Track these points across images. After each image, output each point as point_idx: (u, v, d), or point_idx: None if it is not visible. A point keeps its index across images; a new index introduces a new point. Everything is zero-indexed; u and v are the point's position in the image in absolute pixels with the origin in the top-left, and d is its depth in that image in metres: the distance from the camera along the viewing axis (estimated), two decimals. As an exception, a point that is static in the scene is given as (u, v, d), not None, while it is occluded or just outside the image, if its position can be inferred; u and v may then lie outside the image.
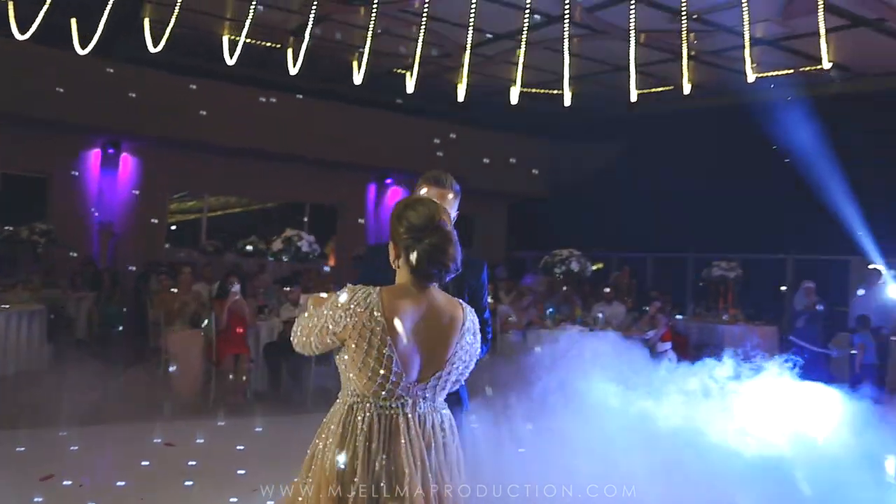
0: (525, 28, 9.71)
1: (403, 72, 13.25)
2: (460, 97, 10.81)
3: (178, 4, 9.04)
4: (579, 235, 18.17)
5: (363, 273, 2.84)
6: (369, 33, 9.55)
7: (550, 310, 9.13)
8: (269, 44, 12.41)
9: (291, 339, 2.46)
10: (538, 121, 16.23)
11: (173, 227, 16.01)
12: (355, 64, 11.94)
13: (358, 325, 2.23)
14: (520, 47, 11.78)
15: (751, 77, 11.09)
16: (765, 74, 11.04)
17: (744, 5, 8.19)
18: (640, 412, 5.89)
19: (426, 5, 9.07)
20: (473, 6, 9.07)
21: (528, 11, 9.02)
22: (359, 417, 2.27)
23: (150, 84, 12.43)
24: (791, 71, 10.87)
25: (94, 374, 7.24)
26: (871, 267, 10.94)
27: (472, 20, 9.25)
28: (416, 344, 2.29)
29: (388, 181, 17.83)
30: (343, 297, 2.27)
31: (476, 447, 3.44)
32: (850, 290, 11.88)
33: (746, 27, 8.47)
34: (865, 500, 4.92)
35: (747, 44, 8.66)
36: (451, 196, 3.09)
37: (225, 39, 11.90)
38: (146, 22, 10.79)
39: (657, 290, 11.15)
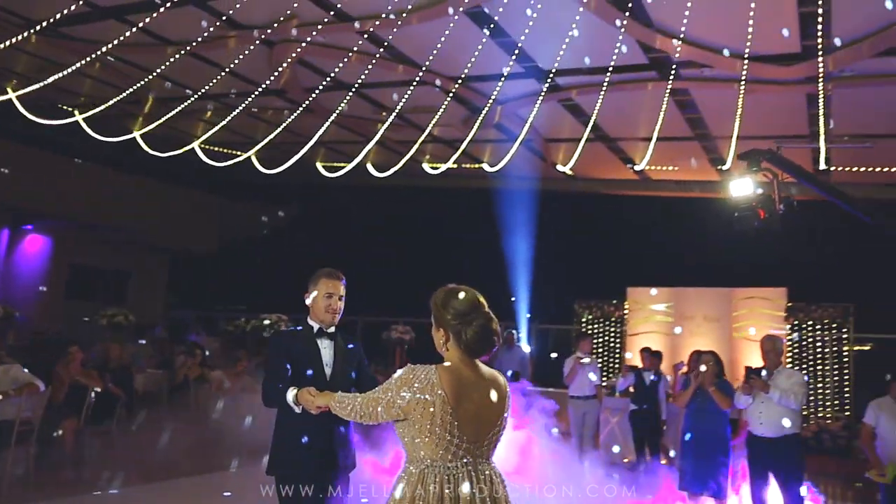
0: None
1: (71, 109, 12.03)
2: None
3: None
4: (248, 295, 18.20)
5: (274, 361, 3.42)
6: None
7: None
8: None
9: (351, 415, 2.82)
10: (214, 178, 15.96)
11: None
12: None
13: (426, 401, 2.58)
14: (211, 108, 11.88)
15: (427, 167, 12.92)
16: (435, 165, 12.86)
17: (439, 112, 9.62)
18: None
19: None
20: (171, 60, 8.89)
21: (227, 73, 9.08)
22: (430, 481, 2.58)
23: None
24: (455, 166, 12.83)
25: None
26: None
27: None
28: (474, 411, 2.63)
29: (28, 227, 15.58)
30: (399, 378, 2.66)
31: None
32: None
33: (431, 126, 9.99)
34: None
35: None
36: (342, 286, 3.57)
37: None
38: None
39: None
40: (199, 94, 9.85)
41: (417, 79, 9.00)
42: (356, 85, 9.65)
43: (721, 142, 10.59)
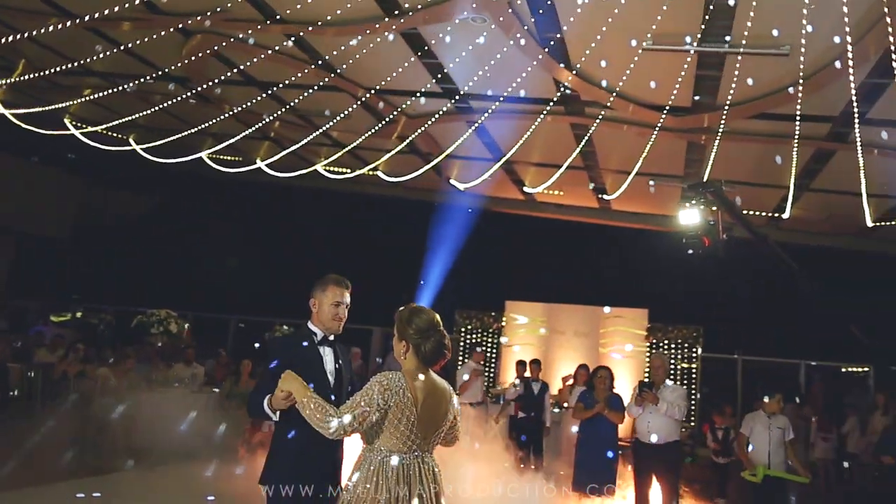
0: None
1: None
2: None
3: None
4: (99, 286, 16.96)
5: (278, 362, 3.32)
6: None
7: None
8: None
9: (320, 428, 3.01)
10: (82, 158, 14.88)
11: None
12: None
13: (399, 402, 3.06)
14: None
15: (321, 168, 12.92)
16: (330, 168, 12.91)
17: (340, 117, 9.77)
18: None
19: None
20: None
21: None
22: (389, 466, 3.05)
23: None
24: (349, 170, 12.92)
25: None
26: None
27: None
28: (429, 413, 3.14)
29: None
30: (377, 387, 3.06)
31: None
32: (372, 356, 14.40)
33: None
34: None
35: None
36: (348, 293, 3.62)
37: None
38: None
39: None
40: (76, 64, 9.15)
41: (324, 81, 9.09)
42: (273, 89, 9.59)
43: (605, 173, 11.62)
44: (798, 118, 7.52)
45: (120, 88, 9.80)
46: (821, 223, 11.56)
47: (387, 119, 10.46)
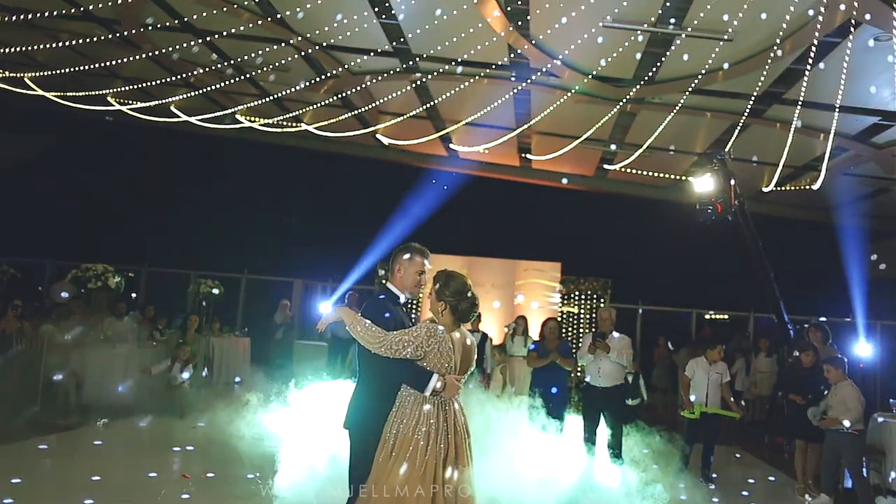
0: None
1: None
2: None
3: None
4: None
5: (373, 313, 3.71)
6: None
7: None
8: None
9: (370, 344, 3.57)
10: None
11: None
12: None
13: (441, 348, 3.61)
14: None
15: (241, 120, 12.58)
16: (255, 119, 12.62)
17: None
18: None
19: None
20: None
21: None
22: (427, 405, 3.59)
23: None
24: (274, 122, 12.68)
25: None
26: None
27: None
28: (461, 360, 3.71)
29: None
30: (424, 331, 3.60)
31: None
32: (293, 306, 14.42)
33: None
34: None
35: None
36: (429, 261, 4.04)
37: None
38: None
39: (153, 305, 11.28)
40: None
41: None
42: (211, 38, 9.24)
43: (535, 136, 12.21)
44: (726, 95, 8.41)
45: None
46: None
47: (329, 74, 10.42)
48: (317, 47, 9.52)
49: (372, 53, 9.38)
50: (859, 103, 8.60)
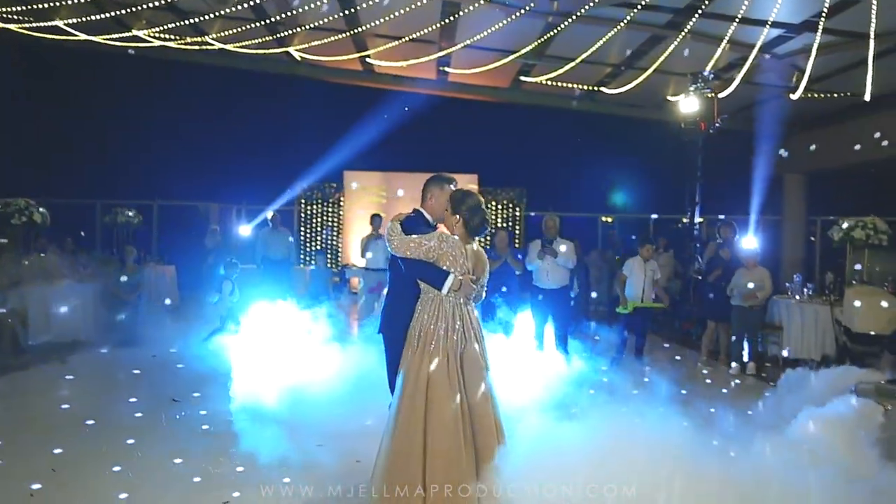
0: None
1: None
2: None
3: None
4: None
5: (411, 229, 4.11)
6: None
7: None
8: None
9: (397, 246, 4.06)
10: None
11: None
12: None
13: (454, 252, 4.04)
14: None
15: (138, 32, 11.63)
16: (153, 32, 11.76)
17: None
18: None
19: None
20: None
21: None
22: (445, 305, 4.04)
23: None
24: (174, 38, 11.88)
25: None
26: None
27: None
28: (473, 268, 4.13)
29: None
30: (437, 234, 4.08)
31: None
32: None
33: None
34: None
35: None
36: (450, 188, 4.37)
37: None
38: None
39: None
40: None
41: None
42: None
43: (461, 50, 12.19)
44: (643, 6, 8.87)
45: None
46: (633, 97, 13.46)
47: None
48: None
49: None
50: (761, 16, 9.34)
